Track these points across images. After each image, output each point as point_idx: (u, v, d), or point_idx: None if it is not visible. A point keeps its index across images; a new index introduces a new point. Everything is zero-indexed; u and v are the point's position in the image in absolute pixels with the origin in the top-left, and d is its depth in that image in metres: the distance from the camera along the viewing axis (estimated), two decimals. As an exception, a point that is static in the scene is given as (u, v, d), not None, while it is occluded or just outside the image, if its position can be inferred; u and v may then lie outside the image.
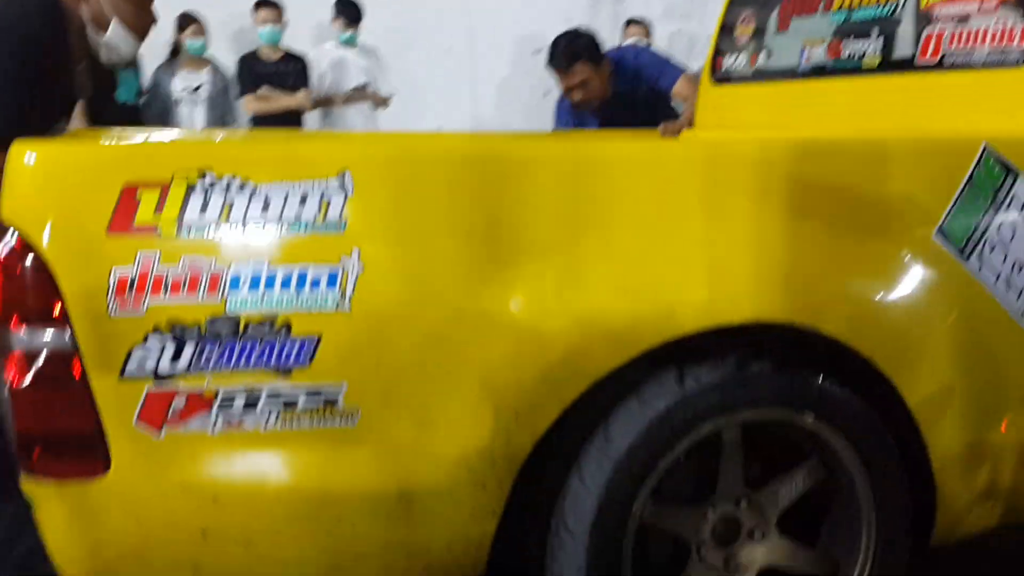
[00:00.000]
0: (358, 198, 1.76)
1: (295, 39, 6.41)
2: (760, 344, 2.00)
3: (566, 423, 1.89)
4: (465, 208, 1.84)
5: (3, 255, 1.68)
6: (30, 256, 1.66)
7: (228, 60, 6.29)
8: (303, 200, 1.74)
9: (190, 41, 6.08)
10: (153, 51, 5.79)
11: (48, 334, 1.67)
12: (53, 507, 1.73)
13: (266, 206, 1.73)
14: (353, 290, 1.76)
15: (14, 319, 1.68)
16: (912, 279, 2.07)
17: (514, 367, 1.84)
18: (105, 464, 1.70)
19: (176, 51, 6.17)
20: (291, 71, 6.24)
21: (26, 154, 1.68)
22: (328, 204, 1.75)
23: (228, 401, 1.73)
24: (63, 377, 1.67)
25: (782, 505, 2.10)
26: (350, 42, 6.54)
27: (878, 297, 2.05)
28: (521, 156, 1.94)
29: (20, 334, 1.68)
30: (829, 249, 2.02)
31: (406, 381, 1.81)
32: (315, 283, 1.75)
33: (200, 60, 6.13)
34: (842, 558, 2.12)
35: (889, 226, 2.08)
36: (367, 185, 1.78)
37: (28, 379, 1.68)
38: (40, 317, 1.67)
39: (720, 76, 3.39)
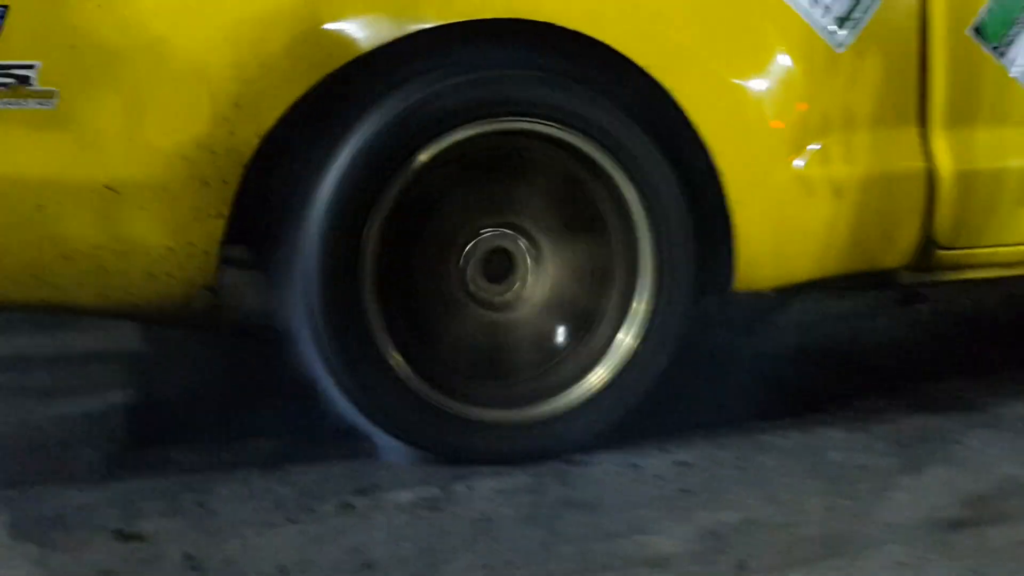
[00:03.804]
0: None
1: None
2: (518, 51, 1.85)
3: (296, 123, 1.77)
4: None
5: None
6: None
7: None
8: None
9: None
10: None
11: None
12: None
13: None
14: (42, -39, 1.66)
15: None
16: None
17: (231, 52, 1.72)
18: None
19: None
20: None
21: None
22: None
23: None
24: None
25: (555, 233, 1.95)
26: None
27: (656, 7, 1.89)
28: None
29: None
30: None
31: (109, 64, 1.70)
32: (-2, -57, 1.64)
33: None
34: (626, 290, 1.97)
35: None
36: None
37: None
38: None
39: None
